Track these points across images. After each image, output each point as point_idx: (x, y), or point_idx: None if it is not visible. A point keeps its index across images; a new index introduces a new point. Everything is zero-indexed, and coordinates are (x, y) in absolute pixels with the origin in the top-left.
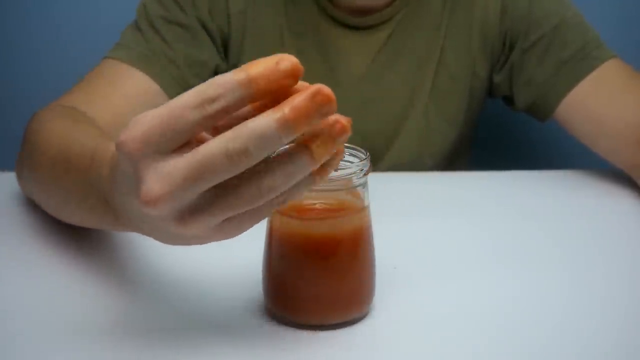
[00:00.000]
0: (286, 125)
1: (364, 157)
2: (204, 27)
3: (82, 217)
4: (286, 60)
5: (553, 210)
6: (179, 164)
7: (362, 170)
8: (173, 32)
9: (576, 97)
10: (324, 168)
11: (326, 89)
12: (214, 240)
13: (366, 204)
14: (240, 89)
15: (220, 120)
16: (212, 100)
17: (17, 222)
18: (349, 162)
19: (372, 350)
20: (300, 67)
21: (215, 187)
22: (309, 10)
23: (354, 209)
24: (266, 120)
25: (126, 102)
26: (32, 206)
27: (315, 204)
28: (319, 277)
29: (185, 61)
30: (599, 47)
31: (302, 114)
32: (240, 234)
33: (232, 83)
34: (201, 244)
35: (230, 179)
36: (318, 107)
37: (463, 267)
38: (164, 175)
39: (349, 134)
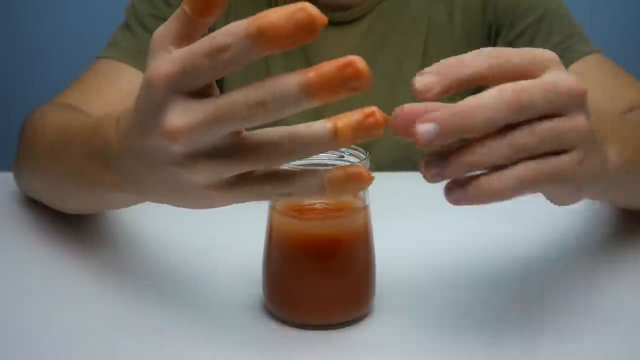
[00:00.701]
0: (308, 89)
1: (364, 157)
2: None
3: (82, 195)
4: (302, 11)
5: (553, 210)
6: (201, 104)
7: None
8: None
9: None
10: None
11: (360, 63)
12: (222, 201)
13: (366, 204)
14: (248, 40)
15: (235, 68)
16: (221, 49)
17: (17, 222)
18: (348, 162)
19: (372, 350)
20: (320, 18)
21: (234, 138)
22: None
23: (354, 209)
24: (290, 79)
25: (120, 98)
26: (32, 206)
27: (315, 204)
28: (319, 277)
29: None
30: (581, 41)
31: (327, 82)
32: (246, 200)
33: (241, 34)
34: (209, 206)
35: (254, 135)
36: (345, 79)
37: (463, 267)
38: (186, 111)
39: (381, 130)
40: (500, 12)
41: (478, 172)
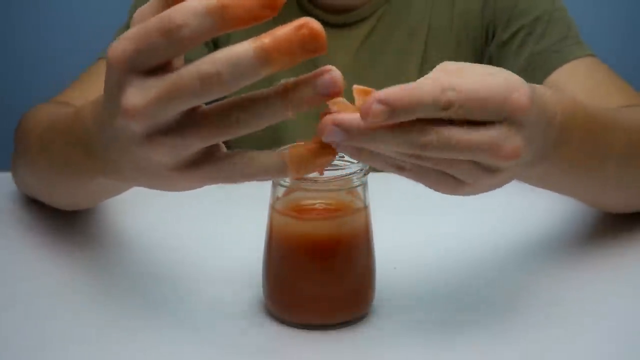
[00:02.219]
0: (264, 54)
1: None
2: None
3: (70, 186)
4: None
5: (553, 209)
6: (156, 81)
7: (362, 170)
8: None
9: None
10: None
11: (314, 23)
12: (185, 182)
13: (366, 204)
14: (208, 17)
15: (195, 44)
16: (178, 27)
17: (17, 222)
18: (349, 162)
19: (372, 350)
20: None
21: (190, 113)
22: (290, 9)
23: (354, 209)
24: (244, 47)
25: None
26: (32, 206)
27: (315, 204)
28: (318, 277)
29: None
30: (576, 43)
31: (283, 45)
32: (209, 182)
33: (200, 9)
34: (175, 188)
35: (207, 107)
36: (301, 41)
37: (463, 267)
38: (142, 90)
39: (339, 89)
40: (498, 11)
41: None
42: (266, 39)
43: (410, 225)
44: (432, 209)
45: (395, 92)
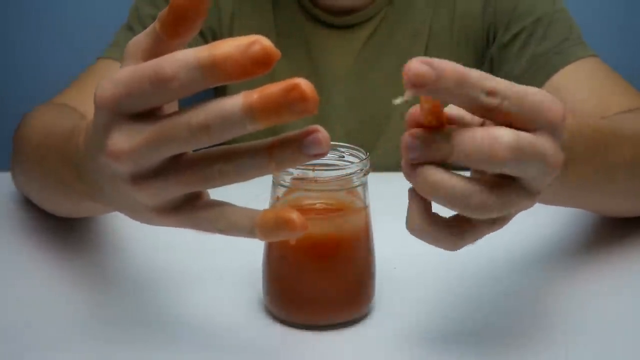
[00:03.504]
0: (251, 112)
1: (363, 157)
2: None
3: (61, 201)
4: (257, 44)
5: (556, 213)
6: (143, 126)
7: (362, 170)
8: None
9: (549, 91)
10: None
11: (305, 86)
12: (161, 224)
13: (366, 204)
14: (200, 70)
15: (185, 94)
16: (168, 79)
17: (17, 222)
18: (349, 162)
19: (372, 350)
20: (275, 52)
21: (175, 160)
22: (293, 11)
23: (354, 209)
24: (233, 101)
25: None
26: (31, 206)
27: (315, 204)
28: (318, 277)
29: None
30: (578, 44)
31: (271, 105)
32: (182, 227)
33: (192, 62)
34: (152, 224)
35: (192, 155)
36: (290, 102)
37: (463, 267)
38: (129, 134)
39: (325, 150)
40: (499, 13)
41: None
42: (255, 95)
43: None
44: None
45: (440, 60)
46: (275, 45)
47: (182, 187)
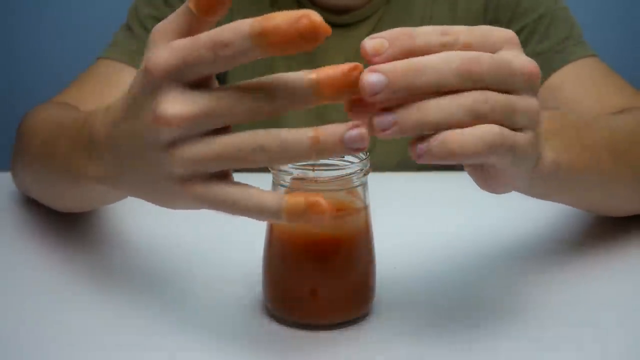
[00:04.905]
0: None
1: (363, 157)
2: None
3: (67, 189)
4: (306, 18)
5: (556, 211)
6: (198, 96)
7: (362, 170)
8: None
9: (547, 90)
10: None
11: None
12: (186, 200)
13: (366, 204)
14: (250, 40)
15: (236, 64)
16: (224, 44)
17: (17, 222)
18: (349, 162)
19: (372, 350)
20: (324, 28)
21: (220, 132)
22: (291, 9)
23: (354, 209)
24: (296, 76)
25: None
26: (31, 206)
27: None
28: (318, 277)
29: None
30: (578, 44)
31: (334, 82)
32: (204, 205)
33: (244, 32)
34: (172, 203)
35: (237, 132)
36: (348, 83)
37: (463, 267)
38: (181, 101)
39: (365, 146)
40: (501, 10)
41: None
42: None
43: (410, 225)
44: (432, 209)
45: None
46: None
47: (221, 161)
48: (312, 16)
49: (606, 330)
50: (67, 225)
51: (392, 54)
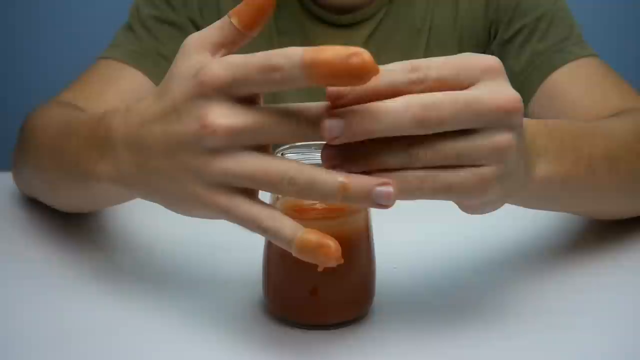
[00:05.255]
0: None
1: None
2: (195, 25)
3: (73, 188)
4: (357, 57)
5: (556, 215)
6: (247, 111)
7: None
8: (164, 30)
9: (547, 89)
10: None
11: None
12: (205, 207)
13: None
14: (300, 69)
15: (284, 88)
16: (274, 68)
17: (17, 222)
18: None
19: (372, 350)
20: (373, 68)
21: (259, 150)
22: (294, 9)
23: (354, 209)
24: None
25: (120, 98)
26: (32, 206)
27: (315, 204)
28: (319, 277)
29: None
30: (578, 43)
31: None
32: (222, 217)
33: (295, 60)
34: (189, 209)
35: (274, 155)
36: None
37: (463, 267)
38: (231, 113)
39: (391, 205)
40: (501, 10)
41: None
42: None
43: (410, 225)
44: (432, 209)
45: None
46: (275, 44)
47: (251, 181)
48: (364, 55)
49: (606, 332)
50: (67, 226)
51: (354, 97)
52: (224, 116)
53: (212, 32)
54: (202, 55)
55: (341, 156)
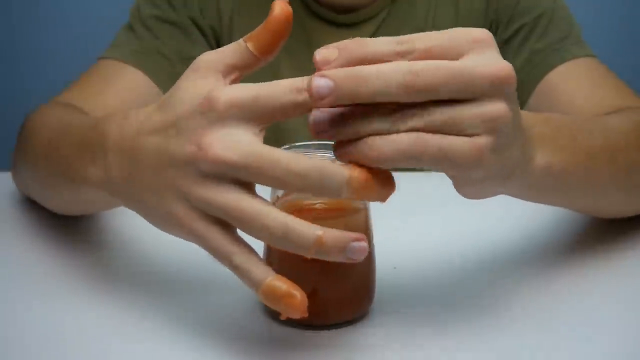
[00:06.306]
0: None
1: None
2: (196, 24)
3: (63, 190)
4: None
5: (557, 213)
6: (248, 147)
7: None
8: (165, 30)
9: (544, 88)
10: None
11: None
12: (181, 229)
13: (366, 204)
14: (300, 95)
15: (306, 112)
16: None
17: (17, 222)
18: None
19: (372, 350)
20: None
21: (245, 188)
22: (295, 9)
23: (354, 209)
24: (336, 171)
25: (120, 98)
26: (32, 206)
27: (315, 204)
28: (318, 277)
29: (177, 57)
30: (577, 43)
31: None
32: (199, 242)
33: (289, 92)
34: (165, 227)
35: (261, 199)
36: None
37: (463, 267)
38: (230, 146)
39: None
40: (501, 9)
41: None
42: (351, 183)
43: (410, 225)
44: (432, 209)
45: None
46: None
47: (227, 217)
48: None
49: (605, 331)
50: (67, 226)
51: (340, 62)
52: (223, 146)
53: (227, 53)
54: (214, 77)
55: (329, 120)
